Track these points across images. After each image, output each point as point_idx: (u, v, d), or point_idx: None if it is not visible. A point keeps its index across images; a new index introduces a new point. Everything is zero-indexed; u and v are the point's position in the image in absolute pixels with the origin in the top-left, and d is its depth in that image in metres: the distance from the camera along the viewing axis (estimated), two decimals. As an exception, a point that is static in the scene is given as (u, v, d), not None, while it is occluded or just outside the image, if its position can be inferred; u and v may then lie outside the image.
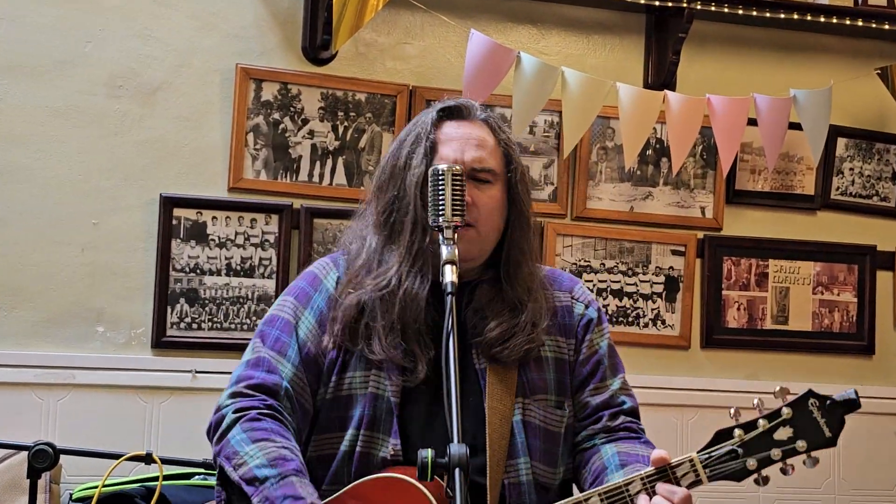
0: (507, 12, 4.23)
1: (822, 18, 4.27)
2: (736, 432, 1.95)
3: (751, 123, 4.15)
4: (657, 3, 4.10)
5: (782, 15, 4.24)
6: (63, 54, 3.80)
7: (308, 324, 2.28)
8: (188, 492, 3.34)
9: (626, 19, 4.31)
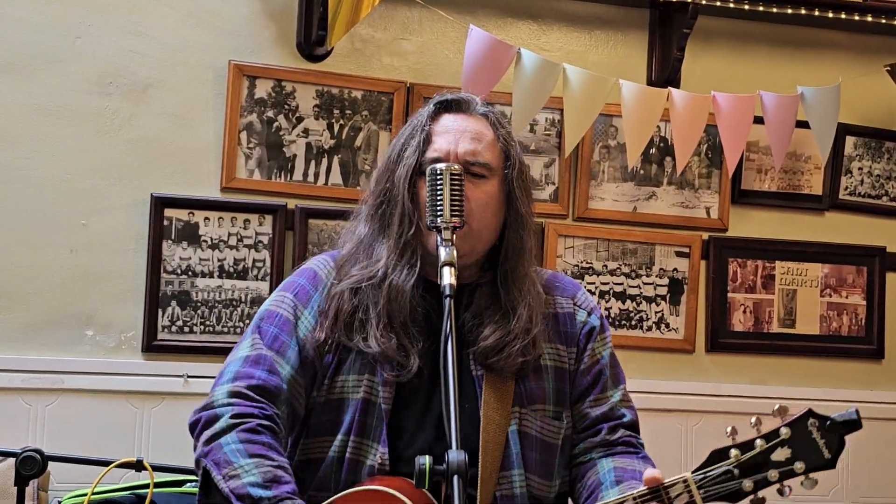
0: (507, 7, 4.23)
1: (831, 14, 4.28)
2: (732, 452, 1.94)
3: (757, 121, 4.15)
4: (661, -2, 4.12)
5: (789, 10, 4.24)
6: (52, 51, 3.79)
7: (308, 324, 2.26)
8: (180, 499, 3.33)
9: (630, 14, 4.31)
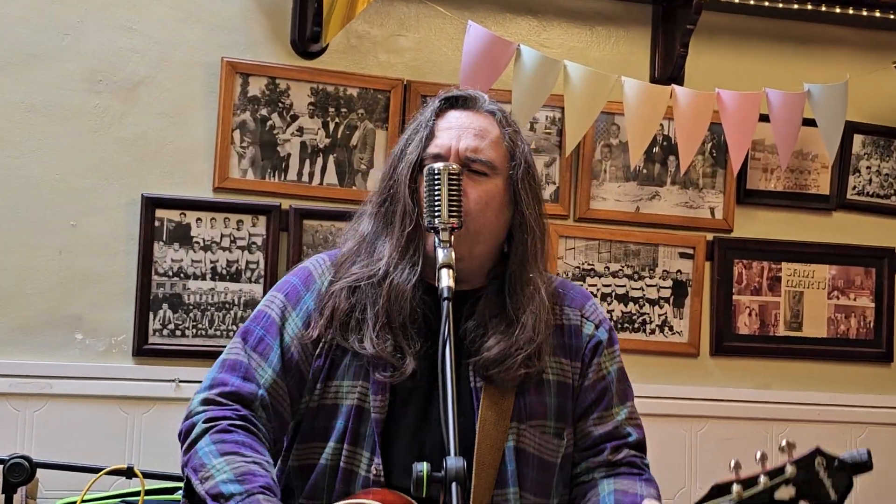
0: (507, 3, 4.22)
1: (838, 9, 4.28)
2: (734, 488, 1.92)
3: (762, 119, 4.15)
4: (664, -7, 4.13)
5: (795, 5, 4.25)
6: (39, 47, 3.78)
7: (294, 326, 2.24)
8: (171, 507, 3.33)
9: (632, 10, 4.31)
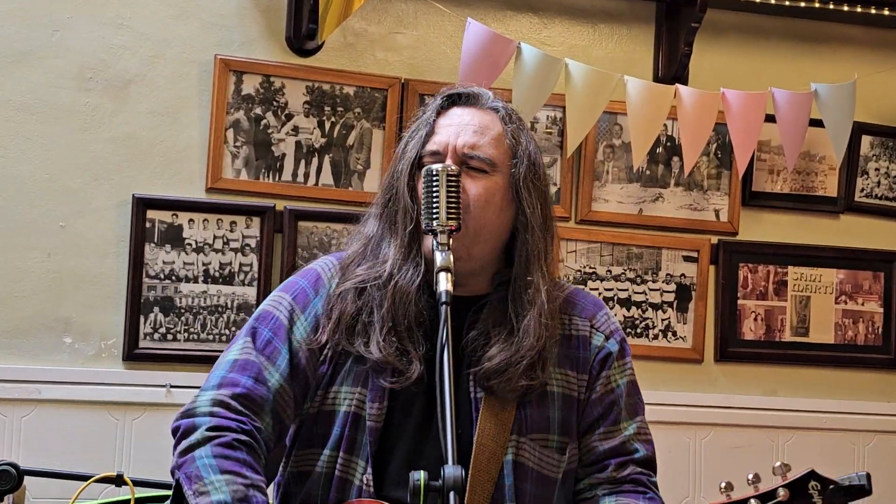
0: (507, 0, 4.21)
1: (846, 7, 4.28)
2: None
3: (769, 120, 4.14)
4: (668, -10, 4.12)
5: (802, 3, 4.25)
6: (28, 44, 3.78)
7: (303, 330, 2.23)
8: (161, 515, 3.32)
9: (635, 7, 4.31)
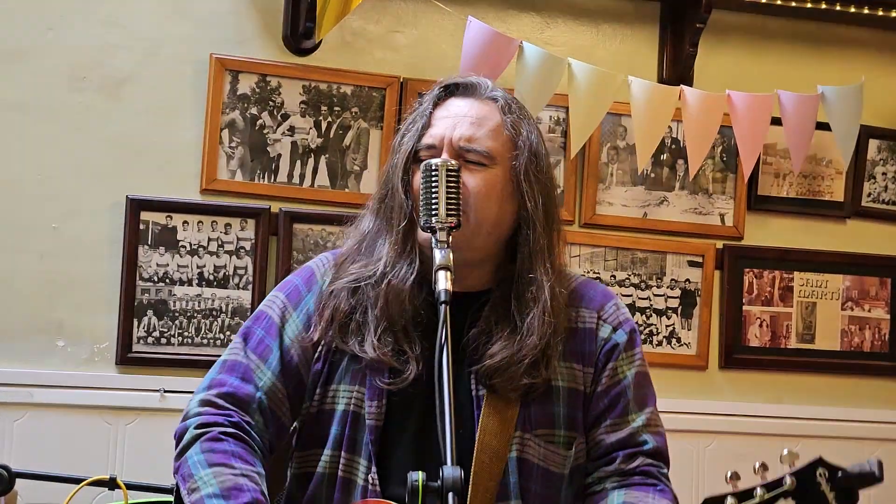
0: (509, -2, 4.22)
1: (853, 8, 4.29)
2: (728, 501, 1.87)
3: (775, 123, 4.14)
4: (673, -10, 4.12)
5: (809, 4, 4.26)
6: (20, 42, 3.78)
7: (295, 328, 2.24)
8: (154, 520, 3.32)
9: (639, 7, 4.31)
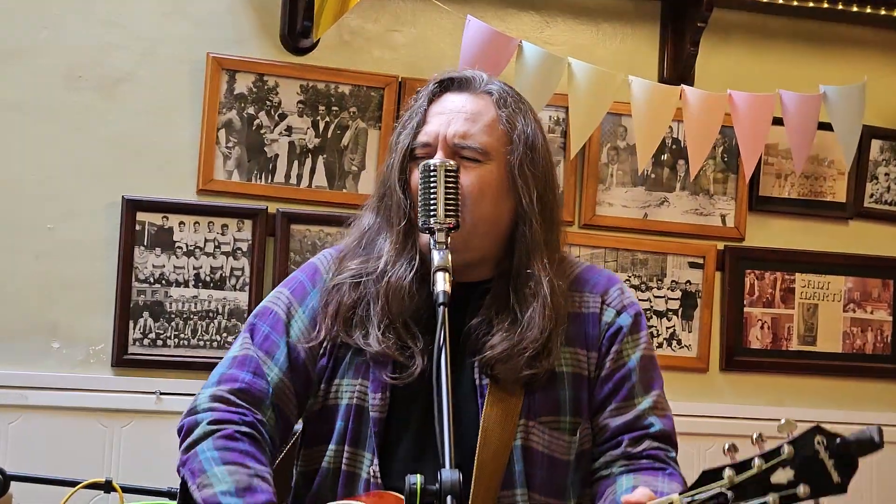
0: (508, -3, 4.23)
1: (855, 7, 4.30)
2: (726, 473, 1.84)
3: (776, 123, 4.15)
4: (674, -11, 4.13)
5: (811, 3, 4.27)
6: (16, 42, 3.79)
7: (301, 323, 2.24)
8: (150, 524, 3.32)
9: (640, 6, 4.32)
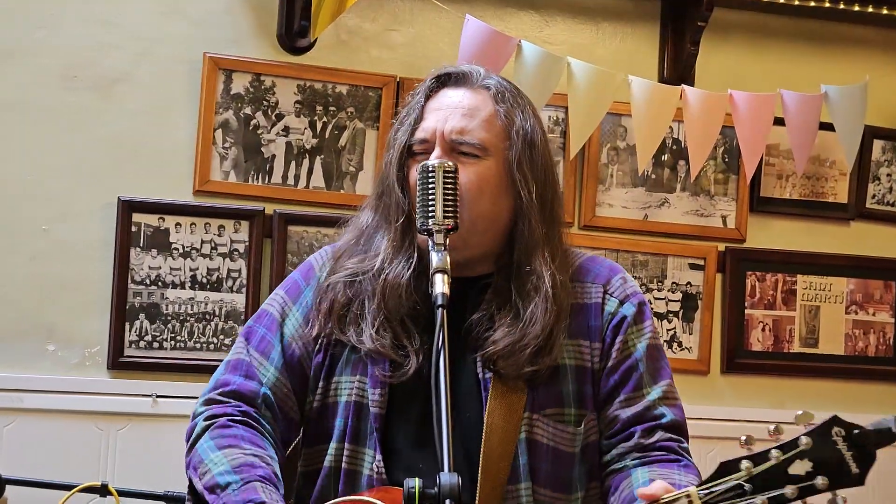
0: (507, -3, 4.23)
1: (857, 7, 4.30)
2: (743, 464, 1.85)
3: (777, 123, 4.15)
4: (674, -12, 4.13)
5: (812, 3, 4.26)
6: (12, 41, 3.79)
7: (295, 322, 2.27)
8: (146, 526, 3.32)
9: (640, 5, 4.32)
